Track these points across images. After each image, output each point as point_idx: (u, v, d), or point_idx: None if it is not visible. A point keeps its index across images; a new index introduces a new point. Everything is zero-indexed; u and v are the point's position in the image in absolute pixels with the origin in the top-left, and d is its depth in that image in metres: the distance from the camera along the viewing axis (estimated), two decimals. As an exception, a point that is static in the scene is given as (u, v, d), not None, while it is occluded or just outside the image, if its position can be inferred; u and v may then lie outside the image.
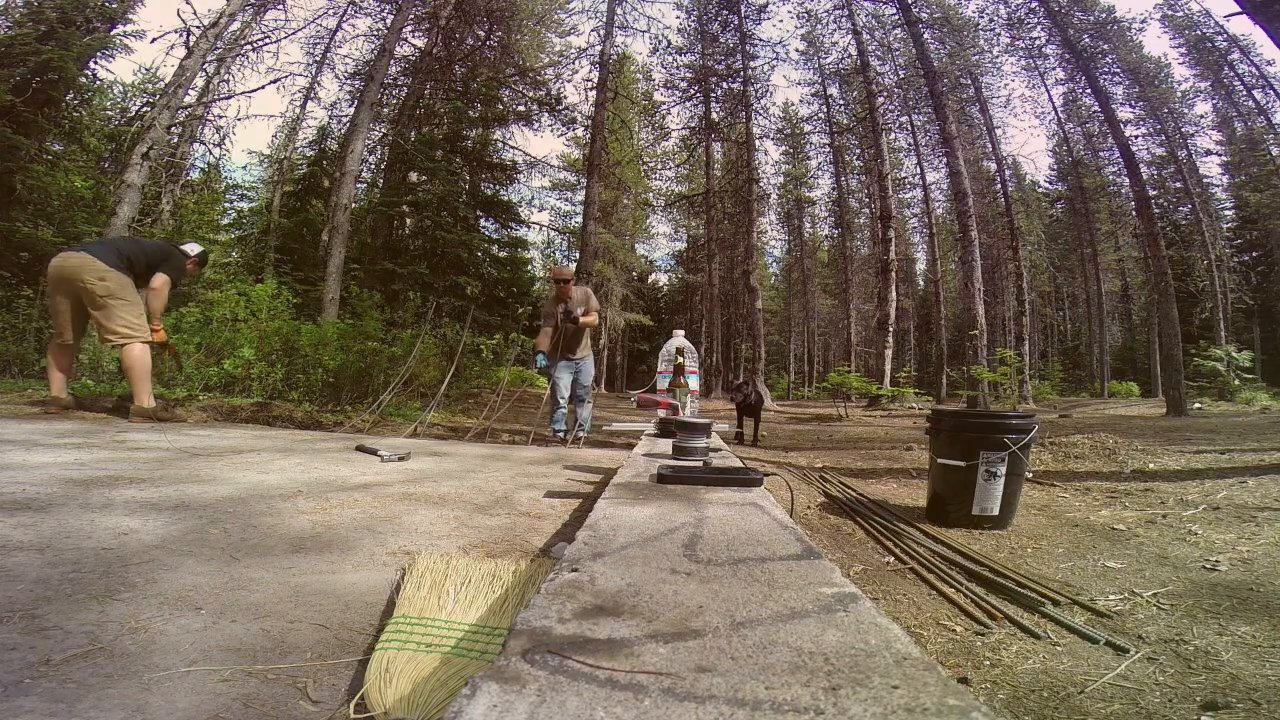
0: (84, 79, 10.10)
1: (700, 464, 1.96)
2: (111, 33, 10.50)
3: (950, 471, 2.85)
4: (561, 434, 5.91)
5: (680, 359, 3.61)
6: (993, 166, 23.69)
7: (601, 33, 16.90)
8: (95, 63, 10.32)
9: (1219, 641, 1.57)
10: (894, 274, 18.16)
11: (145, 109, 12.03)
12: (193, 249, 5.44)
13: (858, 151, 27.35)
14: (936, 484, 3.02)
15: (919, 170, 25.15)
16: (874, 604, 0.72)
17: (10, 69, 8.89)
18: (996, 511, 2.77)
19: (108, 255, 4.74)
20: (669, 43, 20.57)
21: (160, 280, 4.86)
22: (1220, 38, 22.84)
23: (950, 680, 0.54)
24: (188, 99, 13.02)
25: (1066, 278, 32.86)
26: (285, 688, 1.08)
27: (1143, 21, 22.37)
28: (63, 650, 1.13)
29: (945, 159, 17.35)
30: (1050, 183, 32.50)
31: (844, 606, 0.71)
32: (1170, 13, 23.19)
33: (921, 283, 36.60)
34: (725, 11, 20.11)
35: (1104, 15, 20.22)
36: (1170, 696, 1.27)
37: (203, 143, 15.77)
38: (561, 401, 5.97)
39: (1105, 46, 20.53)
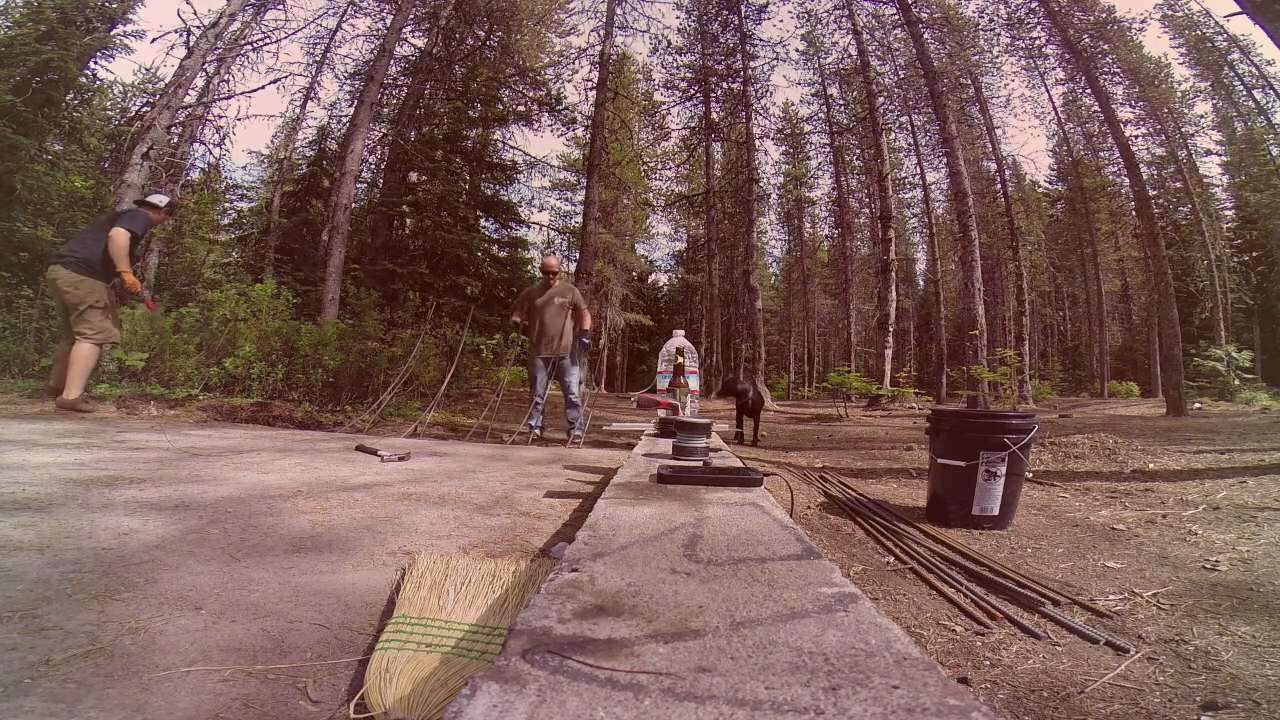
0: (84, 79, 10.08)
1: (700, 464, 1.96)
2: (111, 33, 10.48)
3: (950, 472, 2.85)
4: (536, 430, 5.87)
5: (680, 359, 3.61)
6: (993, 166, 23.69)
7: (601, 33, 16.89)
8: (95, 63, 10.30)
9: (1219, 641, 1.57)
10: (894, 274, 18.15)
11: (145, 109, 12.01)
12: (160, 199, 5.78)
13: (858, 151, 27.33)
14: (936, 484, 3.02)
15: (919, 170, 25.14)
16: (874, 604, 0.72)
17: (10, 69, 8.88)
18: (996, 511, 2.77)
19: (78, 265, 5.20)
20: (669, 43, 20.56)
21: (115, 232, 5.21)
22: (1220, 38, 22.83)
23: (950, 680, 0.54)
24: (188, 99, 13.01)
25: (1066, 278, 32.85)
26: (285, 687, 1.08)
27: (1143, 21, 22.26)
28: (63, 650, 1.13)
29: (945, 159, 17.35)
30: (1050, 183, 32.50)
31: (844, 607, 0.71)
32: (1170, 13, 23.17)
33: (921, 283, 36.59)
34: (725, 11, 20.09)
35: (1104, 15, 20.19)
36: (1170, 696, 1.27)
37: (203, 143, 15.78)
38: (539, 398, 5.92)
39: (1105, 46, 20.51)
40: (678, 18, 22.20)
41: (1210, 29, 22.73)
